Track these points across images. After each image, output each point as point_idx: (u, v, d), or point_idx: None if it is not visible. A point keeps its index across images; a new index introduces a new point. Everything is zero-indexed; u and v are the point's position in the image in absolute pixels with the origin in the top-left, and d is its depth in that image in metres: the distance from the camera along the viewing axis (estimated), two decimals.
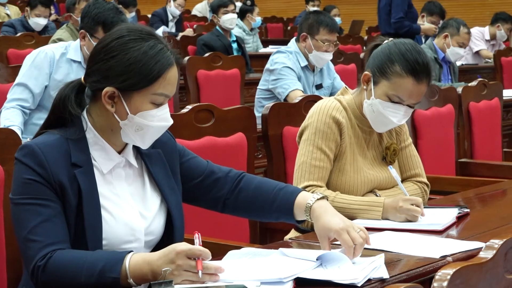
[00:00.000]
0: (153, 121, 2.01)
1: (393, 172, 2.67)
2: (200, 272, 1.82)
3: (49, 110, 2.08)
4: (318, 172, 2.65)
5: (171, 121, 2.06)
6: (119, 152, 2.09)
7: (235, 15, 7.68)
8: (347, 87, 2.83)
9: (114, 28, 2.09)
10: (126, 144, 2.10)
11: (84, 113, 2.06)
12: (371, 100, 2.65)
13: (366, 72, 2.68)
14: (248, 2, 8.73)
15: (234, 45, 7.51)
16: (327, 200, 2.14)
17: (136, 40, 2.00)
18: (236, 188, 2.23)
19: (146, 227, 2.09)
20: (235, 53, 7.25)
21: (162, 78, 1.99)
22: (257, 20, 8.88)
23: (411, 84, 2.59)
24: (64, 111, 2.03)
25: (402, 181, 2.81)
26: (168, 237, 2.13)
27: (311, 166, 2.66)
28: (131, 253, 1.90)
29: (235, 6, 7.81)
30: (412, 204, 2.50)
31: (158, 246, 2.11)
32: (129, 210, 2.06)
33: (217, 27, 7.56)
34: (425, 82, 2.61)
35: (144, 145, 2.07)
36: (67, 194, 1.97)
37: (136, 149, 2.13)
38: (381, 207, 2.53)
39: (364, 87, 2.69)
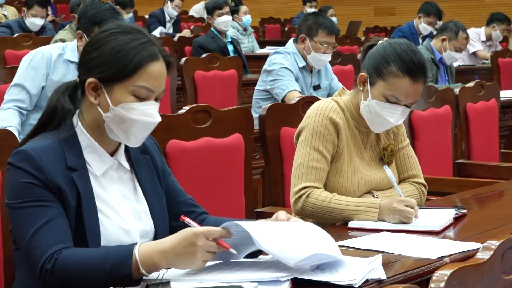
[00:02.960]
0: (135, 114, 2.00)
1: (389, 172, 2.66)
2: (232, 249, 1.86)
3: (44, 109, 2.09)
4: (315, 173, 2.65)
5: (157, 118, 2.05)
6: (112, 154, 2.09)
7: (230, 17, 7.64)
8: (344, 88, 2.83)
9: None
10: (118, 146, 2.10)
11: (76, 115, 2.07)
12: (368, 101, 2.65)
13: (362, 73, 2.68)
14: (232, 4, 8.73)
15: (230, 47, 7.49)
16: None
17: (119, 33, 2.03)
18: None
19: (142, 229, 2.09)
20: (231, 55, 7.23)
21: (143, 70, 1.99)
22: (245, 19, 8.82)
23: (408, 84, 2.59)
24: (58, 107, 2.04)
25: (400, 182, 2.81)
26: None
27: (308, 168, 2.66)
28: (138, 244, 1.90)
29: (230, 8, 7.78)
30: (406, 206, 2.49)
31: None
32: (123, 212, 2.07)
33: (212, 29, 7.54)
34: (421, 81, 2.61)
35: (130, 141, 2.06)
36: (66, 198, 1.97)
37: (127, 153, 2.13)
38: (377, 208, 2.53)
39: (361, 88, 2.69)
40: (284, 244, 1.86)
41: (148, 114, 2.02)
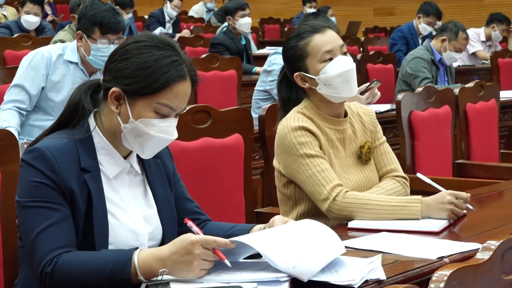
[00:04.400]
0: (153, 130, 2.01)
1: (422, 177, 2.70)
2: (227, 261, 1.84)
3: (65, 106, 2.09)
4: (329, 174, 2.61)
5: (174, 135, 2.05)
6: (125, 158, 2.10)
7: (251, 20, 7.57)
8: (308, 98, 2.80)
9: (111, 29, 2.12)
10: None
11: (92, 114, 2.07)
12: (318, 81, 2.67)
13: (295, 75, 2.71)
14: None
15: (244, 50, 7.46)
16: None
17: (151, 47, 2.01)
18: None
19: (150, 232, 2.10)
20: (245, 58, 7.22)
21: (169, 89, 1.98)
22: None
23: (320, 36, 2.70)
24: (79, 106, 2.04)
25: (380, 178, 2.80)
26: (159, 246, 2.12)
27: (319, 173, 2.61)
28: (138, 250, 1.90)
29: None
30: (457, 199, 2.54)
31: None
32: (133, 215, 2.07)
33: (230, 29, 7.40)
34: (327, 29, 2.73)
35: (143, 154, 2.07)
36: (76, 200, 1.97)
37: (138, 156, 2.13)
38: (419, 203, 2.51)
39: (306, 84, 2.72)
40: (297, 259, 1.85)
41: (166, 131, 2.03)
